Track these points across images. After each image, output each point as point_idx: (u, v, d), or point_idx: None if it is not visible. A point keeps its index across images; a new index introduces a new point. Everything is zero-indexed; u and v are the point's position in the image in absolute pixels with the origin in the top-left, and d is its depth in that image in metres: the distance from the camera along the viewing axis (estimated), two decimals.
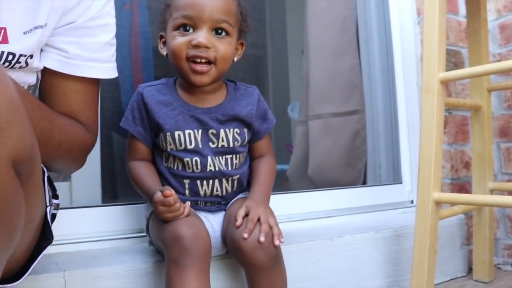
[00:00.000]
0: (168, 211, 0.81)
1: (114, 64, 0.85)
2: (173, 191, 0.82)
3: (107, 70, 0.83)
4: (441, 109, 1.03)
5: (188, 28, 0.89)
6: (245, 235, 0.82)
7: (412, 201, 1.48)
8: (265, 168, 1.00)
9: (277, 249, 0.84)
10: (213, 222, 0.94)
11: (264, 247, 0.82)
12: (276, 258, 0.84)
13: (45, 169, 0.70)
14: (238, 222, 0.84)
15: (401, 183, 1.49)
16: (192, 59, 0.89)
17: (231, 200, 0.98)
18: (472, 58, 1.25)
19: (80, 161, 0.84)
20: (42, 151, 0.69)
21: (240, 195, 1.00)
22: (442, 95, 1.04)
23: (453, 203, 1.16)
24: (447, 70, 1.07)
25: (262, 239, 0.81)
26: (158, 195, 0.82)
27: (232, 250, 0.86)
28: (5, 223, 0.48)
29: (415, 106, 1.50)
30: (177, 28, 0.90)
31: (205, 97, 0.95)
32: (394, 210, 1.44)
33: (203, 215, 0.93)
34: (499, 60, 1.49)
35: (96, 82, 0.84)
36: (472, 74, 1.09)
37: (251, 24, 1.01)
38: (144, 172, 0.93)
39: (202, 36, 0.88)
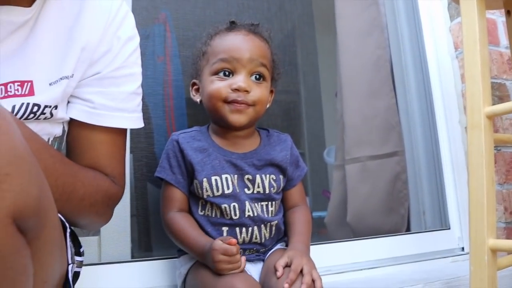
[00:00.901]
0: (227, 262, 0.77)
1: (140, 114, 0.83)
2: (235, 241, 0.78)
3: (133, 119, 0.81)
4: (490, 146, 0.95)
5: (227, 72, 0.91)
6: (286, 286, 0.76)
7: (462, 248, 1.37)
8: (302, 218, 0.97)
9: None
10: (252, 272, 0.90)
11: None
12: None
13: (67, 225, 0.67)
14: (279, 273, 0.80)
15: (449, 228, 1.39)
16: (231, 102, 0.90)
17: (269, 248, 0.94)
18: None
19: (105, 215, 0.81)
20: (65, 206, 0.66)
21: (278, 246, 0.96)
22: (490, 131, 0.96)
23: None
24: (492, 105, 1.00)
25: None
26: (219, 243, 0.78)
27: None
28: (8, 286, 0.44)
29: (459, 145, 1.42)
30: (215, 73, 0.92)
31: (239, 142, 0.95)
32: (444, 258, 1.32)
33: None
34: None
35: (122, 132, 0.82)
36: None
37: (282, 72, 1.04)
38: (187, 224, 0.89)
39: (241, 80, 0.90)
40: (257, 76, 0.93)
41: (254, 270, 0.91)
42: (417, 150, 1.50)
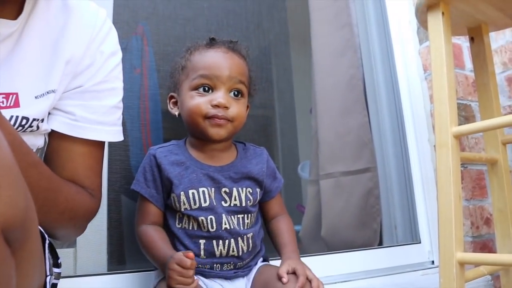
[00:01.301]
0: (179, 273, 0.77)
1: (120, 128, 0.84)
2: (193, 255, 0.78)
3: (113, 133, 0.82)
4: (457, 165, 1.00)
5: (206, 88, 0.93)
6: None
7: (432, 262, 1.41)
8: (287, 227, 1.00)
9: None
10: None
11: None
12: None
13: (46, 236, 0.67)
14: (286, 279, 0.82)
15: (419, 242, 1.43)
16: (211, 118, 0.91)
17: (248, 263, 0.94)
18: (483, 112, 1.23)
19: (81, 228, 0.82)
20: (43, 218, 0.66)
21: (260, 263, 0.97)
22: (457, 150, 1.01)
23: (478, 264, 1.09)
24: (458, 125, 1.05)
25: None
26: (179, 254, 0.78)
27: None
28: None
29: (428, 162, 1.46)
30: (195, 88, 0.94)
31: (217, 155, 0.96)
32: (414, 272, 1.36)
33: (219, 283, 0.90)
34: (510, 112, 1.47)
35: (101, 145, 0.83)
36: (486, 127, 1.06)
37: (258, 88, 1.07)
38: (157, 237, 0.90)
39: (221, 96, 0.92)
40: (236, 93, 0.95)
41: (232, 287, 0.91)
42: (389, 166, 1.54)
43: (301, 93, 1.99)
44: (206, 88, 0.93)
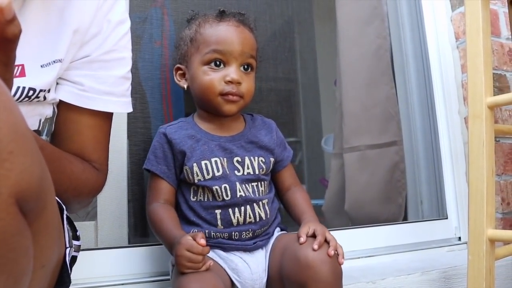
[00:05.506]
0: (188, 259, 0.75)
1: (129, 99, 0.83)
2: (204, 242, 0.76)
3: (121, 104, 0.81)
4: (491, 137, 0.95)
5: (218, 62, 0.93)
6: (315, 246, 0.78)
7: (459, 238, 1.37)
8: (304, 197, 1.00)
9: (340, 268, 0.81)
10: (250, 263, 0.89)
11: (332, 262, 0.79)
12: (340, 277, 0.81)
13: (64, 207, 0.66)
14: (303, 239, 0.82)
15: (446, 218, 1.39)
16: (225, 95, 0.92)
17: (265, 231, 0.94)
18: None
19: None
20: None
21: (277, 233, 0.96)
22: (491, 121, 0.96)
23: (510, 242, 1.05)
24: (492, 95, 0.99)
25: (331, 252, 0.79)
26: (187, 238, 0.76)
27: (295, 270, 0.80)
28: (9, 268, 0.43)
29: (458, 135, 1.41)
30: (207, 63, 0.93)
31: (226, 125, 0.97)
32: (440, 248, 1.33)
33: (238, 256, 0.89)
34: None
35: (109, 118, 0.82)
36: None
37: (279, 59, 1.04)
38: (166, 215, 0.89)
39: (234, 72, 0.92)
40: (246, 67, 0.96)
41: (252, 260, 0.89)
42: (416, 140, 1.50)
43: (325, 63, 1.94)
44: (217, 62, 0.93)
